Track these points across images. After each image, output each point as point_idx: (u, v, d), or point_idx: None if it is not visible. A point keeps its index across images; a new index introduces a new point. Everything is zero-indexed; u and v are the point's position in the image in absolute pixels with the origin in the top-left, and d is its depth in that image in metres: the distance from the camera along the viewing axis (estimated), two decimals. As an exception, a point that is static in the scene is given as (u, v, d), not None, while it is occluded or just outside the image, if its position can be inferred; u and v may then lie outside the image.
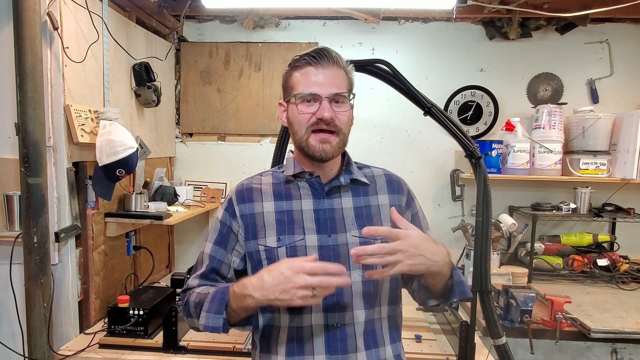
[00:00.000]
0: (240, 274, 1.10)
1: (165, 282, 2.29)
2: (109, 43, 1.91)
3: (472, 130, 2.65)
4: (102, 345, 1.67)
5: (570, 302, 1.89)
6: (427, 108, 1.51)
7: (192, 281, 1.08)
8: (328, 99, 0.99)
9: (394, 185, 1.14)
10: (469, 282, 1.80)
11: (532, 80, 2.63)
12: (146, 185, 2.29)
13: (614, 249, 2.56)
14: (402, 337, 1.10)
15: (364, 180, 1.10)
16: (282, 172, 1.12)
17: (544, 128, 2.42)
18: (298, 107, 1.01)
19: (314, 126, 1.00)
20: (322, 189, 1.07)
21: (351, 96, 1.05)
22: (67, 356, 1.61)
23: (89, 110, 1.75)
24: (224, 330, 0.96)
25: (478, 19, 2.58)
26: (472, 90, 2.63)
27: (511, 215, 2.55)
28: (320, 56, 1.01)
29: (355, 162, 1.16)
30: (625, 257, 2.46)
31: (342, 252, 1.02)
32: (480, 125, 2.66)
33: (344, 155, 1.13)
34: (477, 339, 1.66)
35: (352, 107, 1.07)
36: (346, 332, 1.00)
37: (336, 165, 1.10)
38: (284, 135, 1.63)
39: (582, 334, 1.85)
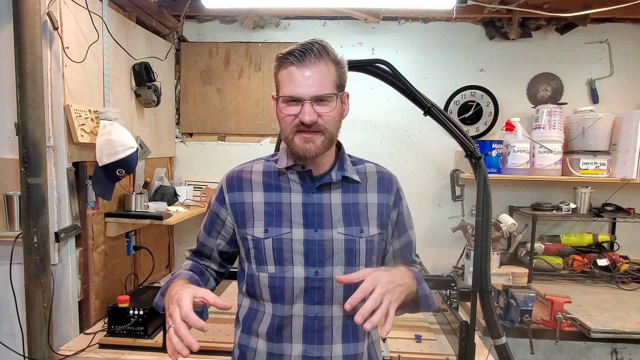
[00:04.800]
0: (228, 254, 1.18)
1: (165, 282, 2.29)
2: (109, 43, 1.91)
3: (472, 130, 2.65)
4: (102, 345, 1.67)
5: (570, 302, 1.89)
6: (427, 108, 1.51)
7: (187, 252, 1.23)
8: (310, 102, 0.98)
9: (385, 183, 1.14)
10: (469, 282, 1.80)
11: (532, 80, 2.63)
12: (146, 185, 2.28)
13: (614, 249, 2.56)
14: (400, 337, 1.11)
15: (355, 177, 1.10)
16: (275, 160, 1.12)
17: (544, 128, 2.42)
18: (282, 109, 1.01)
19: (297, 127, 1.00)
20: (312, 184, 1.07)
21: (339, 92, 1.02)
22: (67, 356, 1.61)
23: (89, 110, 1.75)
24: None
25: (478, 19, 2.58)
26: (472, 90, 2.63)
27: (511, 215, 2.55)
28: (303, 54, 0.97)
29: (349, 156, 1.16)
30: (625, 257, 2.46)
31: (327, 248, 1.04)
32: (480, 125, 2.66)
33: (339, 147, 1.13)
34: (477, 339, 1.66)
35: (347, 96, 1.06)
36: (324, 324, 1.04)
37: (329, 159, 1.09)
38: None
39: (582, 334, 1.85)
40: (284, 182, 1.09)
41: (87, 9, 1.73)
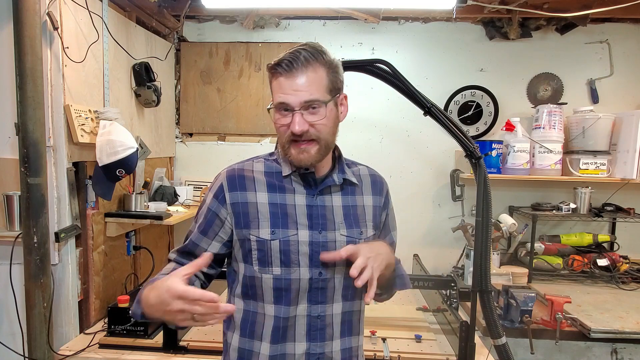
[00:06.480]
0: (221, 256, 1.12)
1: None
2: (109, 43, 1.91)
3: (472, 130, 2.65)
4: (102, 345, 1.67)
5: (570, 302, 1.89)
6: (427, 108, 1.51)
7: (172, 254, 1.15)
8: (300, 111, 0.97)
9: (377, 186, 1.18)
10: (469, 282, 1.80)
11: (532, 80, 2.63)
12: (146, 185, 2.29)
13: (614, 249, 2.56)
14: (400, 337, 1.12)
15: (354, 180, 1.13)
16: (275, 159, 1.12)
17: (544, 128, 2.42)
18: (276, 119, 1.02)
19: (290, 137, 1.00)
20: (315, 186, 1.08)
21: (333, 96, 1.02)
22: (67, 356, 1.61)
23: (89, 110, 1.75)
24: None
25: (478, 19, 2.57)
26: (472, 90, 2.63)
27: (511, 215, 2.55)
28: (290, 63, 0.97)
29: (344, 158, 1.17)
30: (625, 257, 2.46)
31: (330, 249, 1.05)
32: (480, 125, 2.66)
33: (335, 149, 1.14)
34: (477, 339, 1.66)
35: (345, 97, 1.06)
36: (325, 322, 1.07)
37: (327, 162, 1.11)
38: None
39: (582, 334, 1.85)
40: (287, 184, 1.09)
41: (87, 9, 1.73)
